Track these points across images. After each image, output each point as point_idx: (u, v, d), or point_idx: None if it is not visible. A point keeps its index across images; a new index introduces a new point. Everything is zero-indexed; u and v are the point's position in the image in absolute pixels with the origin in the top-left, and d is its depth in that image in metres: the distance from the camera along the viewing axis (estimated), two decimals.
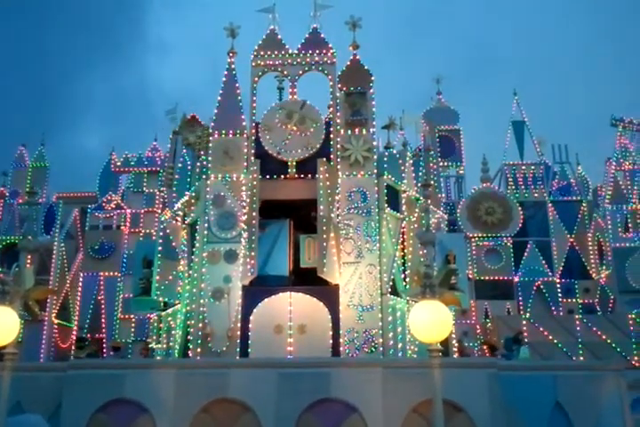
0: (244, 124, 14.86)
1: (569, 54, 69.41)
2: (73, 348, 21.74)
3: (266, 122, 14.87)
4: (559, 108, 62.73)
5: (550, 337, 19.15)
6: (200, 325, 13.25)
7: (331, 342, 13.10)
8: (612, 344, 19.10)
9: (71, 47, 70.88)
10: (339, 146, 14.47)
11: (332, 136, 14.67)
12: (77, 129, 71.04)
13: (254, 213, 14.02)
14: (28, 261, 9.15)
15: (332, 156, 14.52)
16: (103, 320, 23.33)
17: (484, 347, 18.23)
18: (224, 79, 15.42)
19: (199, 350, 13.10)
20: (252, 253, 13.67)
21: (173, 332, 14.79)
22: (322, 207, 13.91)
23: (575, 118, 61.34)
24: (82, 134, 70.83)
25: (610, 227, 22.96)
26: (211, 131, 14.99)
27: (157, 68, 78.27)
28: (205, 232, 14.04)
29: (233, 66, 15.50)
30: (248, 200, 14.11)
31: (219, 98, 15.19)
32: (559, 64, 69.97)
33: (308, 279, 14.08)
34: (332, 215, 13.93)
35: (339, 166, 14.29)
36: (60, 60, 70.15)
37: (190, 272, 14.55)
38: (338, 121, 14.75)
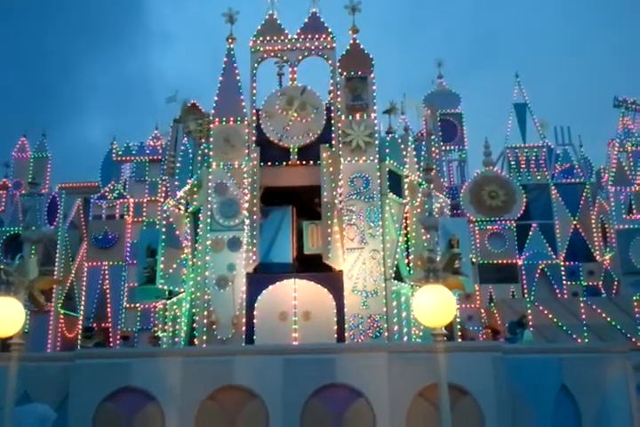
0: (244, 110, 14.78)
1: (571, 36, 68.88)
2: (79, 338, 21.85)
3: (266, 108, 14.80)
4: (561, 90, 62.34)
5: (555, 320, 19.19)
6: (205, 313, 13.29)
7: (335, 328, 13.14)
8: (617, 326, 19.13)
9: (73, 37, 70.68)
10: (340, 131, 14.41)
11: (333, 122, 14.61)
12: (80, 119, 70.96)
13: (255, 201, 14.00)
14: (32, 251, 9.14)
15: (333, 141, 14.46)
16: (109, 310, 23.43)
17: (488, 331, 18.26)
18: (223, 66, 15.33)
19: (205, 337, 13.14)
20: (254, 241, 13.68)
21: (179, 320, 14.84)
22: (325, 193, 13.88)
23: (577, 100, 60.98)
24: (85, 124, 70.78)
25: (613, 209, 22.89)
26: (211, 118, 14.93)
27: (160, 57, 78.07)
28: (208, 220, 14.03)
29: (232, 52, 15.39)
30: (249, 187, 14.09)
31: (218, 85, 15.10)
32: (561, 46, 69.47)
33: (311, 266, 14.09)
34: (335, 201, 13.91)
35: (340, 152, 14.24)
36: (62, 50, 69.98)
37: (194, 260, 14.57)
38: (339, 106, 14.67)
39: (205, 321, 13.22)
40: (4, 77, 64.13)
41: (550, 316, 19.25)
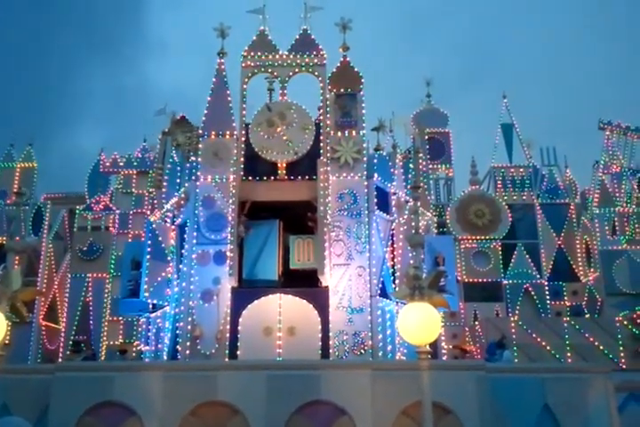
0: (233, 125, 14.83)
1: (558, 57, 69.85)
2: (66, 351, 21.58)
3: (255, 123, 14.86)
4: (548, 111, 63.03)
5: (538, 339, 19.19)
6: (189, 327, 13.21)
7: (320, 344, 13.10)
8: (600, 346, 19.16)
9: (71, 47, 70.66)
10: (328, 147, 14.47)
11: (321, 138, 14.68)
12: (77, 129, 70.72)
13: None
14: (16, 262, 9.05)
15: (321, 157, 14.52)
16: (91, 322, 23.18)
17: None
18: (214, 80, 15.41)
19: (188, 351, 13.05)
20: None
21: (162, 334, 14.72)
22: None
23: (563, 122, 61.69)
24: (81, 135, 70.41)
25: (598, 230, 23.08)
26: (200, 132, 14.96)
27: (157, 67, 77.87)
28: (195, 233, 14.00)
29: (223, 66, 15.50)
30: (232, 201, 14.06)
31: (209, 99, 15.17)
32: (548, 68, 70.40)
33: (297, 281, 14.07)
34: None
35: (328, 168, 14.30)
36: (60, 59, 69.91)
37: (179, 274, 14.50)
38: (328, 122, 14.76)
39: (189, 335, 13.13)
40: (3, 76, 63.94)
41: (534, 335, 19.26)
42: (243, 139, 14.76)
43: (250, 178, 14.58)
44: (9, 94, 63.61)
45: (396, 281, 14.45)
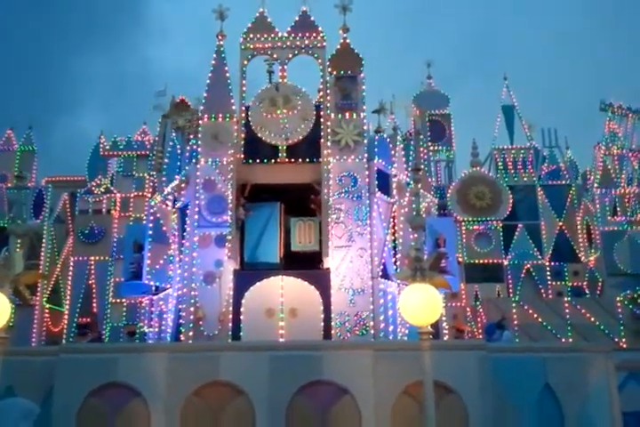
0: (233, 107, 14.77)
1: (559, 38, 69.24)
2: (69, 333, 21.72)
3: (255, 106, 14.81)
4: (549, 92, 62.68)
5: (539, 319, 19.31)
6: (192, 309, 13.28)
7: (322, 325, 13.18)
8: (601, 326, 19.29)
9: (72, 32, 70.09)
10: (329, 130, 14.43)
11: (322, 120, 14.63)
12: (79, 113, 70.51)
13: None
14: (18, 245, 9.08)
15: (321, 140, 14.49)
16: (94, 305, 23.31)
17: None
18: (213, 62, 15.31)
19: (191, 333, 13.14)
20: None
21: (165, 316, 14.81)
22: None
23: (565, 103, 61.36)
24: (82, 118, 70.17)
25: (599, 211, 23.10)
26: (200, 114, 14.91)
27: (158, 51, 77.37)
28: (196, 216, 14.02)
29: (222, 49, 15.39)
30: (230, 184, 14.07)
31: (208, 81, 15.09)
32: (549, 48, 69.85)
33: (298, 263, 14.12)
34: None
35: (329, 151, 14.27)
36: (61, 45, 69.44)
37: (181, 256, 14.54)
38: (328, 105, 14.71)
39: (192, 317, 13.21)
40: (1, 70, 63.62)
41: (535, 315, 19.38)
42: (243, 121, 14.72)
43: (250, 161, 14.57)
44: (10, 79, 63.36)
45: (397, 263, 14.50)
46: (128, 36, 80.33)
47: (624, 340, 19.30)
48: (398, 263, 14.46)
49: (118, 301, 22.68)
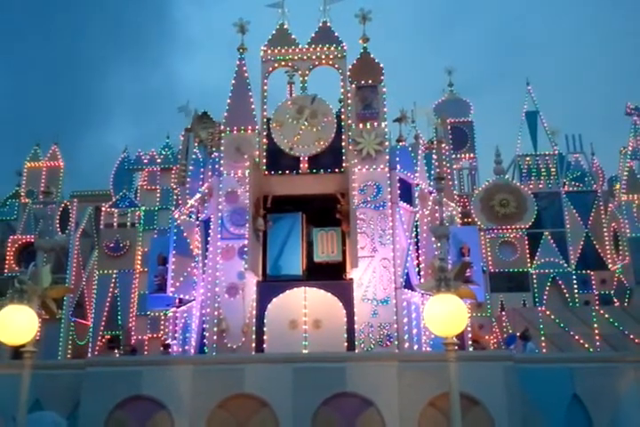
0: (255, 119, 14.86)
1: (583, 43, 68.70)
2: (94, 346, 21.84)
3: (277, 117, 14.88)
4: (573, 98, 62.12)
5: (567, 329, 19.02)
6: (215, 321, 13.31)
7: (346, 336, 13.13)
8: (630, 336, 18.93)
9: (101, 47, 71.32)
10: (350, 140, 14.44)
11: (343, 130, 14.65)
12: (106, 128, 71.45)
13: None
14: (45, 260, 9.20)
15: (343, 150, 14.50)
16: (119, 317, 23.46)
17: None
18: (235, 75, 15.45)
19: (215, 345, 13.16)
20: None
21: (189, 328, 14.86)
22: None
23: (589, 108, 60.78)
24: (109, 133, 71.09)
25: (626, 217, 22.73)
26: (222, 127, 15.02)
27: (183, 66, 78.38)
28: (219, 229, 14.08)
29: (243, 61, 15.53)
30: (251, 196, 14.09)
31: (230, 94, 15.21)
32: (573, 53, 69.30)
33: (321, 273, 14.09)
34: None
35: (352, 161, 14.27)
36: (87, 59, 70.58)
37: (205, 269, 14.60)
38: (349, 115, 14.72)
39: (215, 329, 13.24)
40: (32, 86, 64.85)
41: (562, 325, 19.09)
42: (264, 133, 14.79)
43: (272, 172, 14.62)
44: (37, 94, 64.47)
45: (421, 273, 14.40)
46: (154, 50, 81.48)
47: None
48: (422, 273, 14.37)
49: (143, 313, 22.81)
